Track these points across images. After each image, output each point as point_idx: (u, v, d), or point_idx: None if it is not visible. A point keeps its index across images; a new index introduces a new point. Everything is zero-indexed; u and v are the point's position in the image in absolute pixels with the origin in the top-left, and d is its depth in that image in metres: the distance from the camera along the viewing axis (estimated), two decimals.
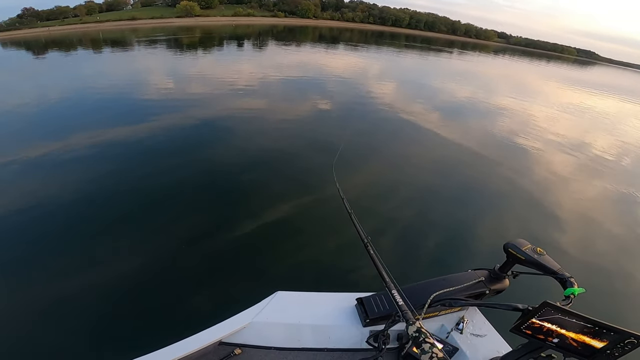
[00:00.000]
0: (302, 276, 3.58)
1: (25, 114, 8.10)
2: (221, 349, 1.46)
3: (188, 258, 3.70)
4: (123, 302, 3.12)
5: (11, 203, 4.46)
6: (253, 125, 7.90)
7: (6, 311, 2.99)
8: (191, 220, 4.35)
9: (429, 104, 12.00)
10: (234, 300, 3.06)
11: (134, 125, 7.42)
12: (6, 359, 2.59)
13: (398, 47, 38.25)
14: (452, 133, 8.76)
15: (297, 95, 11.06)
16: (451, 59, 34.42)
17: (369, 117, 9.13)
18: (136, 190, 4.95)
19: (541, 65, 47.55)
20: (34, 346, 2.69)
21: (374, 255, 1.44)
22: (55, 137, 6.63)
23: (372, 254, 1.45)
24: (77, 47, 26.01)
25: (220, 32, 39.83)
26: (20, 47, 26.85)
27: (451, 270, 1.65)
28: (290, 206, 4.80)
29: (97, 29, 43.80)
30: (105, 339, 2.77)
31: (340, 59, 22.80)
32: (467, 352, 1.45)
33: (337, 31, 57.28)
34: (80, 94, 9.98)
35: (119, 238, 3.96)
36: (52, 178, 5.17)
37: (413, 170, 6.43)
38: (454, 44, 63.43)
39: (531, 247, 1.34)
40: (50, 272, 3.43)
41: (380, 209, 4.96)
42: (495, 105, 13.31)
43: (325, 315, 1.57)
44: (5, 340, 2.73)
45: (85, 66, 15.99)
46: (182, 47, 24.60)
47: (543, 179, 6.71)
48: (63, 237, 3.94)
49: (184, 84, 11.67)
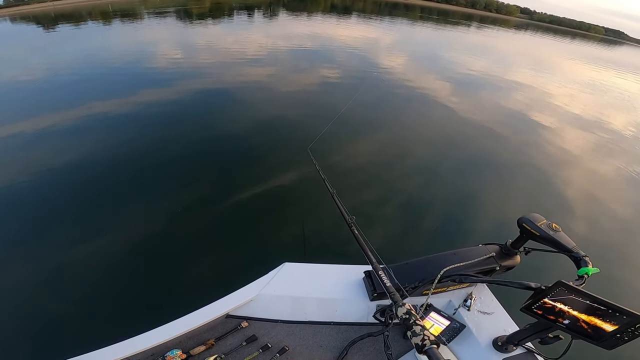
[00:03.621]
0: (310, 246, 3.48)
1: (33, 87, 8.14)
2: (228, 322, 1.46)
3: (193, 229, 3.62)
4: (127, 273, 3.05)
5: (19, 172, 4.47)
6: (260, 94, 7.82)
7: (8, 279, 2.97)
8: (196, 189, 4.26)
9: (441, 76, 11.59)
10: (241, 271, 2.98)
11: (141, 95, 7.43)
12: (8, 327, 2.57)
13: (413, 19, 36.60)
14: (462, 106, 8.52)
15: (306, 66, 10.83)
16: (468, 32, 32.84)
17: (377, 88, 8.94)
18: (139, 158, 4.89)
19: (564, 43, 44.84)
20: (36, 315, 2.64)
21: (358, 235, 1.44)
22: (64, 107, 6.67)
23: (356, 234, 1.45)
24: (87, 19, 25.81)
25: (230, 2, 38.70)
26: (30, 22, 26.80)
27: (460, 244, 1.62)
28: (296, 174, 4.69)
29: (107, 1, 43.09)
30: (109, 312, 2.71)
31: (352, 30, 22.04)
32: (473, 330, 1.43)
33: (349, 1, 54.88)
34: (88, 66, 10.00)
35: (122, 207, 3.90)
36: (58, 147, 5.14)
37: (420, 142, 6.32)
38: (472, 18, 60.16)
39: (546, 222, 1.28)
40: (54, 241, 3.39)
41: (386, 177, 4.91)
42: (511, 80, 12.76)
43: (332, 288, 1.56)
44: (7, 309, 2.70)
45: (94, 38, 15.98)
46: (191, 17, 24.15)
47: (556, 155, 6.52)
48: (67, 206, 3.90)
49: (192, 54, 11.55)
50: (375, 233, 3.77)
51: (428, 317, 1.49)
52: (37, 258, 3.19)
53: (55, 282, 2.96)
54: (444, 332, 1.44)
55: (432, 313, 1.51)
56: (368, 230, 3.71)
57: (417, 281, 1.39)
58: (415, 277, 1.41)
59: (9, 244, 3.35)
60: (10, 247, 3.31)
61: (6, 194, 4.07)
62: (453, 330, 1.44)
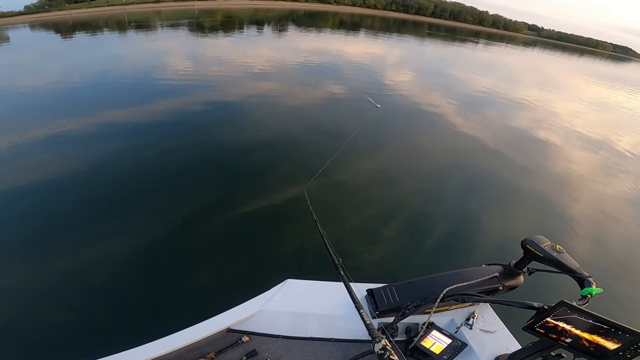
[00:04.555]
0: (312, 263, 3.47)
1: (45, 94, 8.43)
2: (229, 336, 1.47)
3: (195, 241, 3.65)
4: (129, 284, 3.06)
5: (27, 178, 4.60)
6: (265, 109, 7.98)
7: (14, 284, 3.01)
8: (200, 202, 4.30)
9: (447, 94, 11.70)
10: (243, 286, 2.96)
11: (151, 106, 7.65)
12: (13, 332, 2.61)
13: (420, 36, 37.11)
14: (467, 125, 8.57)
15: (313, 81, 11.02)
16: (476, 49, 33.14)
17: (383, 105, 9.05)
18: (146, 169, 5.02)
19: (572, 60, 44.95)
20: (39, 322, 2.68)
21: (344, 277, 1.48)
22: (71, 115, 6.90)
23: (343, 276, 1.49)
24: (104, 29, 26.71)
25: (240, 16, 39.76)
26: (49, 29, 27.80)
27: (463, 264, 1.63)
28: (298, 190, 4.65)
29: (123, 11, 44.62)
30: (110, 321, 2.71)
31: (360, 46, 22.43)
32: (475, 348, 1.43)
33: (358, 17, 55.93)
34: (101, 75, 10.36)
35: (126, 217, 3.98)
36: (64, 154, 5.33)
37: (424, 161, 6.37)
38: (479, 35, 60.74)
39: (550, 244, 1.30)
40: (59, 247, 3.46)
41: (389, 196, 4.95)
42: (517, 98, 12.83)
43: (334, 305, 1.56)
44: (12, 313, 2.74)
45: (109, 47, 16.51)
46: (203, 30, 24.82)
47: (560, 175, 6.51)
48: (73, 213, 3.99)
49: (202, 67, 11.87)
50: (378, 250, 3.81)
51: (430, 335, 1.47)
52: (40, 264, 3.26)
53: (56, 290, 3.00)
54: (446, 351, 1.43)
55: (433, 331, 1.49)
56: (371, 247, 3.87)
57: (420, 300, 1.41)
58: (418, 296, 1.43)
59: (19, 247, 3.46)
60: (20, 250, 3.43)
61: (14, 199, 4.20)
62: (455, 349, 1.43)
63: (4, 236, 3.60)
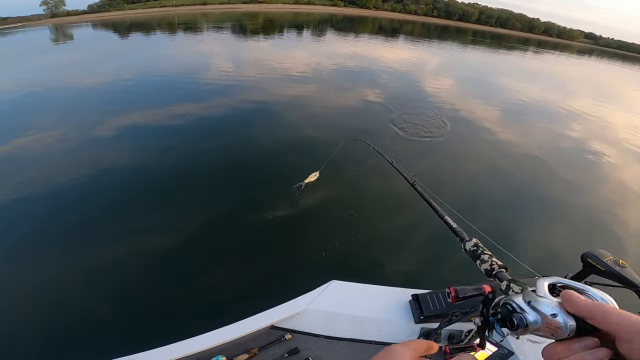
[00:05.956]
0: (357, 266, 3.50)
1: (95, 91, 9.14)
2: (273, 333, 1.50)
3: (241, 240, 3.72)
4: (178, 280, 3.15)
5: (68, 171, 4.90)
6: (300, 112, 7.98)
7: (48, 275, 3.13)
8: (246, 201, 4.39)
9: (490, 102, 11.00)
10: (287, 285, 3.07)
11: (191, 105, 7.91)
12: (46, 321, 2.72)
13: (464, 43, 35.64)
14: (511, 134, 8.00)
15: (348, 86, 10.90)
16: (524, 57, 31.14)
17: (419, 112, 8.66)
18: (192, 166, 5.19)
19: (633, 70, 40.78)
20: (85, 315, 2.77)
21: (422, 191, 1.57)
22: (118, 113, 7.33)
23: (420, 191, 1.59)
24: (156, 29, 28.65)
25: (281, 19, 40.80)
26: (109, 29, 30.37)
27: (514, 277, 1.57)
28: (348, 194, 4.76)
29: (174, 13, 47.70)
30: (158, 315, 2.79)
31: (398, 51, 21.98)
32: (521, 358, 1.41)
33: (397, 23, 55.09)
34: (148, 74, 11.08)
35: (171, 211, 4.10)
36: (97, 151, 5.63)
37: (462, 170, 6.00)
38: (529, 42, 57.11)
39: (613, 258, 1.27)
40: (96, 240, 3.59)
41: (423, 204, 4.74)
42: (569, 108, 11.73)
43: (377, 308, 1.58)
44: (47, 303, 2.85)
45: (159, 47, 17.66)
46: (245, 32, 25.76)
47: (615, 193, 5.88)
48: (113, 207, 4.16)
49: (242, 69, 12.23)
50: (415, 258, 3.72)
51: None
52: (81, 252, 3.42)
53: (103, 284, 3.12)
54: (491, 358, 1.44)
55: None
56: (419, 254, 3.79)
57: (469, 307, 1.39)
58: (465, 304, 1.39)
59: (54, 238, 3.66)
60: (55, 241, 3.61)
61: (53, 194, 4.48)
62: (500, 357, 1.44)
63: (44, 226, 3.84)
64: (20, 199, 4.28)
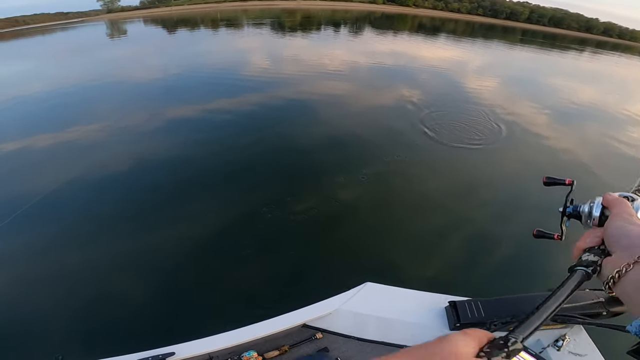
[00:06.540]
0: (393, 270, 3.42)
1: (144, 86, 9.74)
2: (304, 331, 1.51)
3: (274, 240, 3.74)
4: (212, 277, 3.24)
5: (115, 162, 5.20)
6: (336, 109, 7.91)
7: (88, 262, 3.30)
8: (283, 195, 4.41)
9: (538, 103, 10.08)
10: (321, 286, 3.05)
11: (233, 100, 8.18)
12: (85, 306, 2.85)
13: (511, 42, 33.38)
14: (558, 138, 7.35)
15: (385, 84, 10.59)
16: (579, 58, 28.51)
17: (460, 112, 8.19)
18: (233, 160, 5.30)
19: None
20: (117, 301, 2.90)
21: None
22: (168, 106, 7.75)
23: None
24: (200, 25, 29.97)
25: (319, 16, 40.86)
26: (158, 24, 32.23)
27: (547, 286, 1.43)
28: (387, 195, 4.62)
29: (216, 9, 49.63)
30: (192, 310, 2.87)
31: (439, 50, 21.06)
32: None
33: (439, 21, 52.82)
34: (191, 69, 11.59)
35: (209, 205, 4.20)
36: (147, 144, 5.92)
37: (500, 174, 5.65)
38: (586, 43, 52.25)
39: None
40: (136, 229, 3.78)
41: (462, 206, 4.51)
42: (628, 112, 10.54)
43: (411, 312, 1.55)
44: (86, 290, 3.01)
45: (201, 43, 18.42)
46: (283, 29, 26.10)
47: None
48: (153, 198, 4.36)
49: (280, 65, 12.37)
50: (452, 264, 3.57)
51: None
52: (131, 244, 3.59)
53: (143, 274, 3.24)
54: None
55: None
56: (456, 261, 3.62)
57: (510, 316, 1.38)
58: (505, 313, 1.41)
59: (95, 226, 3.86)
60: (94, 230, 3.81)
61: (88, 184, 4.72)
62: None
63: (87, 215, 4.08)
64: (75, 187, 4.60)
